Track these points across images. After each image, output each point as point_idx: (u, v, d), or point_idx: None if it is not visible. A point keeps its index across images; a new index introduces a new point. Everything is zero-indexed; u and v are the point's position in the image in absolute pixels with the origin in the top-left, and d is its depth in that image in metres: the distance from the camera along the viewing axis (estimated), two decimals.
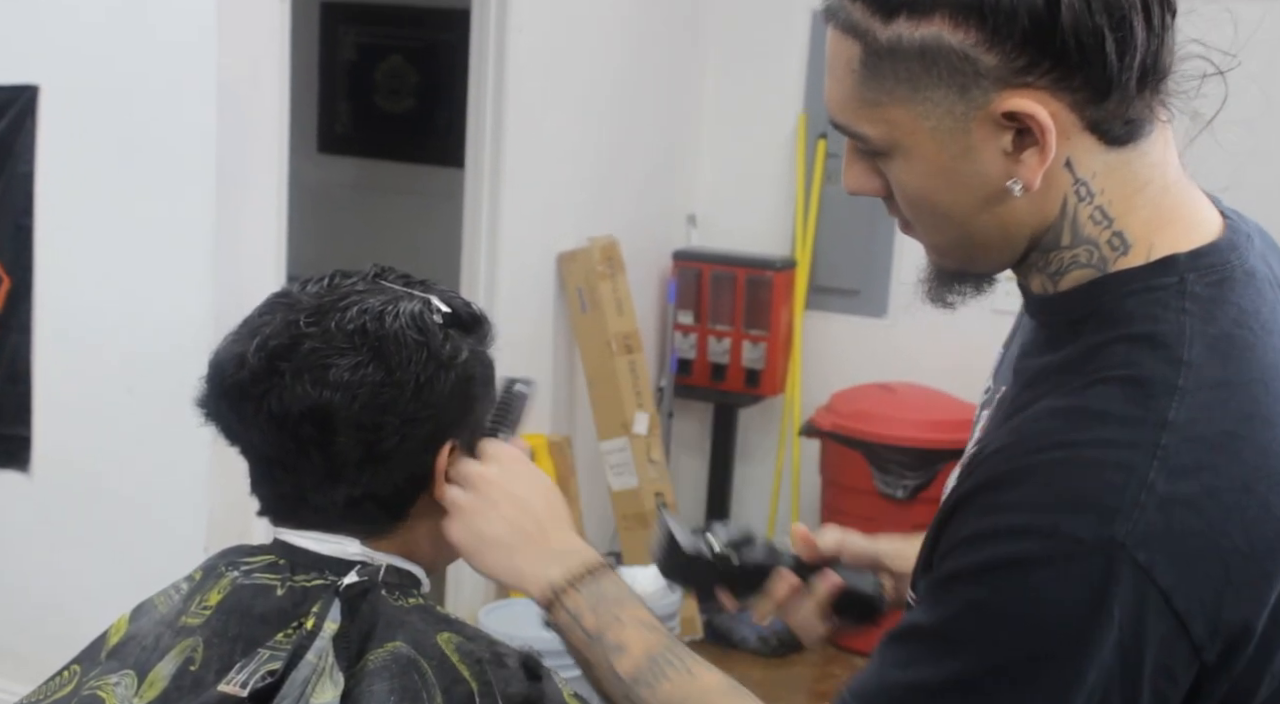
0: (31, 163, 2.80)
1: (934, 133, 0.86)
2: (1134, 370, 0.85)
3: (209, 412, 1.02)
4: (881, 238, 4.07)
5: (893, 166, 0.90)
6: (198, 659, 0.98)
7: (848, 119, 0.90)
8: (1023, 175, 0.86)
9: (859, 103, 0.88)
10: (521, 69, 3.39)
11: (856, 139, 0.90)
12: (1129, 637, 0.81)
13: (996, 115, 0.85)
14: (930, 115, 0.86)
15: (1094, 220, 0.89)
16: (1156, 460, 0.81)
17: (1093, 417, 0.84)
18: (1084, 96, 0.85)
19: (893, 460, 3.67)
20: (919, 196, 0.90)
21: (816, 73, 4.10)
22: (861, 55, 0.87)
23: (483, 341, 1.06)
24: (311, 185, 4.42)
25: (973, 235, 0.91)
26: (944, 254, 0.95)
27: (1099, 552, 0.80)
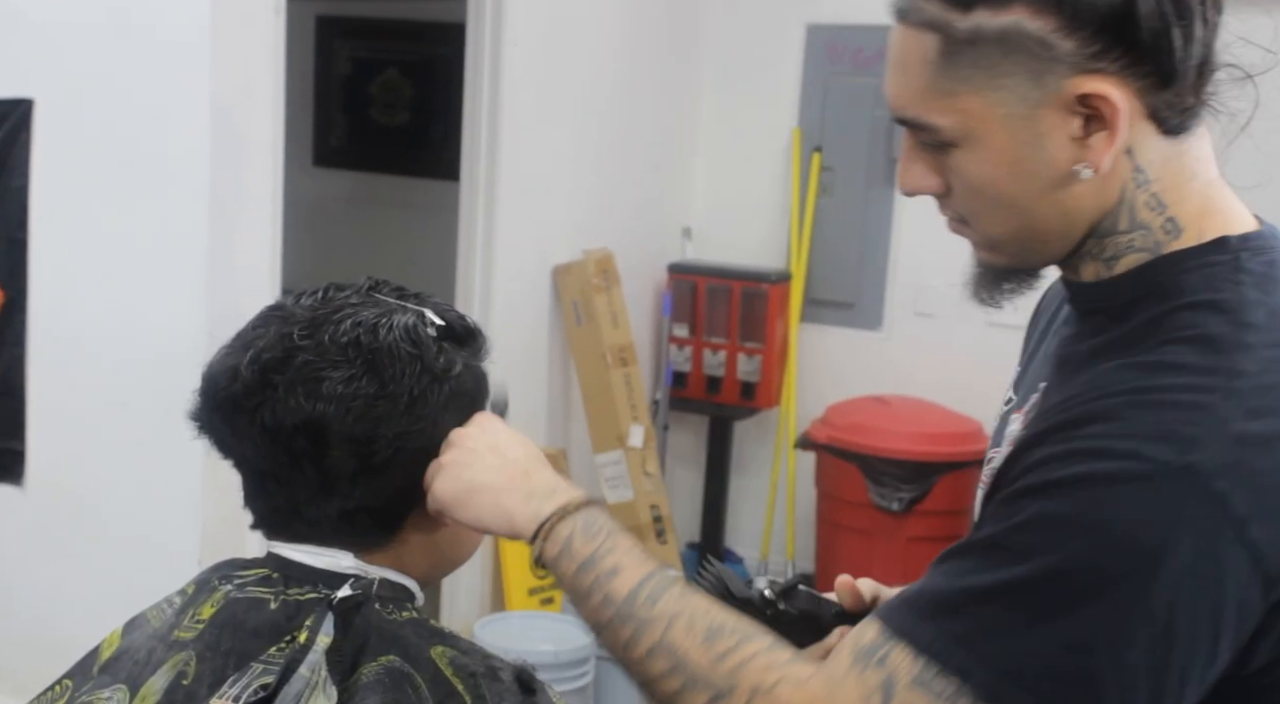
0: (26, 176, 2.80)
1: (1006, 120, 0.90)
2: (1202, 330, 0.88)
3: (202, 425, 1.02)
4: (876, 251, 4.08)
5: (959, 158, 0.93)
6: (190, 673, 0.98)
7: (919, 112, 0.92)
8: (1091, 159, 0.90)
9: (933, 94, 0.91)
10: (516, 83, 3.40)
11: (925, 131, 0.93)
12: (1201, 564, 0.81)
13: (1070, 99, 0.89)
14: (1004, 102, 0.90)
15: (1149, 206, 0.93)
16: (1231, 402, 0.84)
17: (1166, 367, 0.87)
18: (1149, 84, 0.89)
19: (888, 473, 3.66)
20: (985, 186, 0.93)
21: (811, 87, 4.11)
22: (940, 46, 0.90)
23: (476, 355, 1.06)
24: (307, 199, 4.43)
25: (1035, 224, 0.94)
26: (999, 248, 0.97)
27: (1176, 476, 0.82)
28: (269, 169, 2.75)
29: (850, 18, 3.99)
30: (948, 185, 0.95)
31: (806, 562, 4.07)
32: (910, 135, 0.95)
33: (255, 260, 2.75)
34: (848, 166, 4.07)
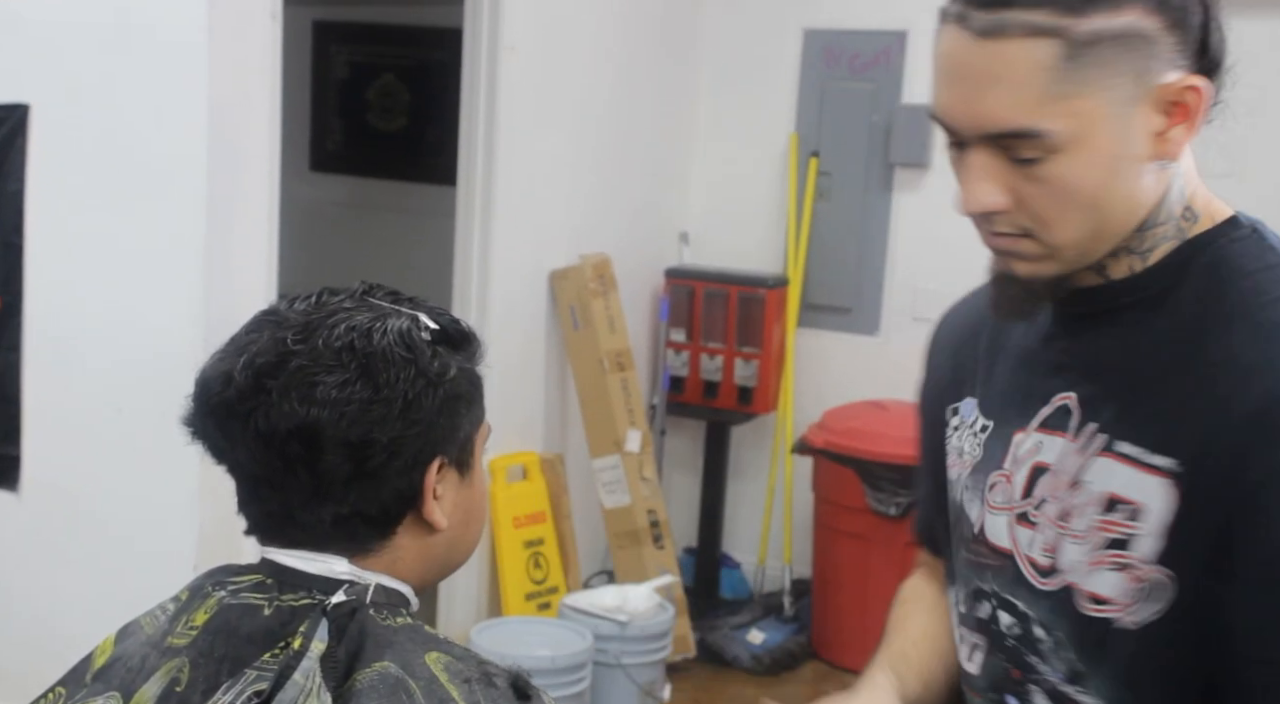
0: (22, 181, 2.79)
1: (1108, 120, 0.95)
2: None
3: (196, 430, 1.02)
4: (873, 256, 4.08)
5: (1058, 164, 0.96)
6: (184, 680, 0.97)
7: (1030, 120, 0.95)
8: (1170, 153, 0.98)
9: (1048, 99, 0.94)
10: (513, 88, 3.40)
11: (1029, 141, 0.95)
12: None
13: (1167, 94, 0.95)
14: (1113, 102, 0.95)
15: (1177, 198, 1.02)
16: None
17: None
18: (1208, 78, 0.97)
19: (885, 478, 3.66)
20: (1080, 189, 0.97)
21: (808, 92, 4.11)
22: (1060, 51, 0.93)
23: (471, 359, 1.06)
24: (303, 203, 4.43)
25: (1107, 223, 0.99)
26: (1058, 255, 1.00)
27: None
28: (265, 174, 2.75)
29: (847, 23, 3.99)
30: (1018, 199, 0.98)
31: (804, 567, 4.07)
32: (989, 152, 0.97)
33: (251, 265, 2.74)
34: (845, 171, 4.07)
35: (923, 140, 3.89)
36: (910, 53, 3.88)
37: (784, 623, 3.94)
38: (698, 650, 3.73)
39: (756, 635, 3.81)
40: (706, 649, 3.75)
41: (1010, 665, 1.10)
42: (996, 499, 1.07)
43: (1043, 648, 1.06)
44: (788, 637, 3.85)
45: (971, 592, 1.14)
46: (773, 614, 3.99)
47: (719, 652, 3.74)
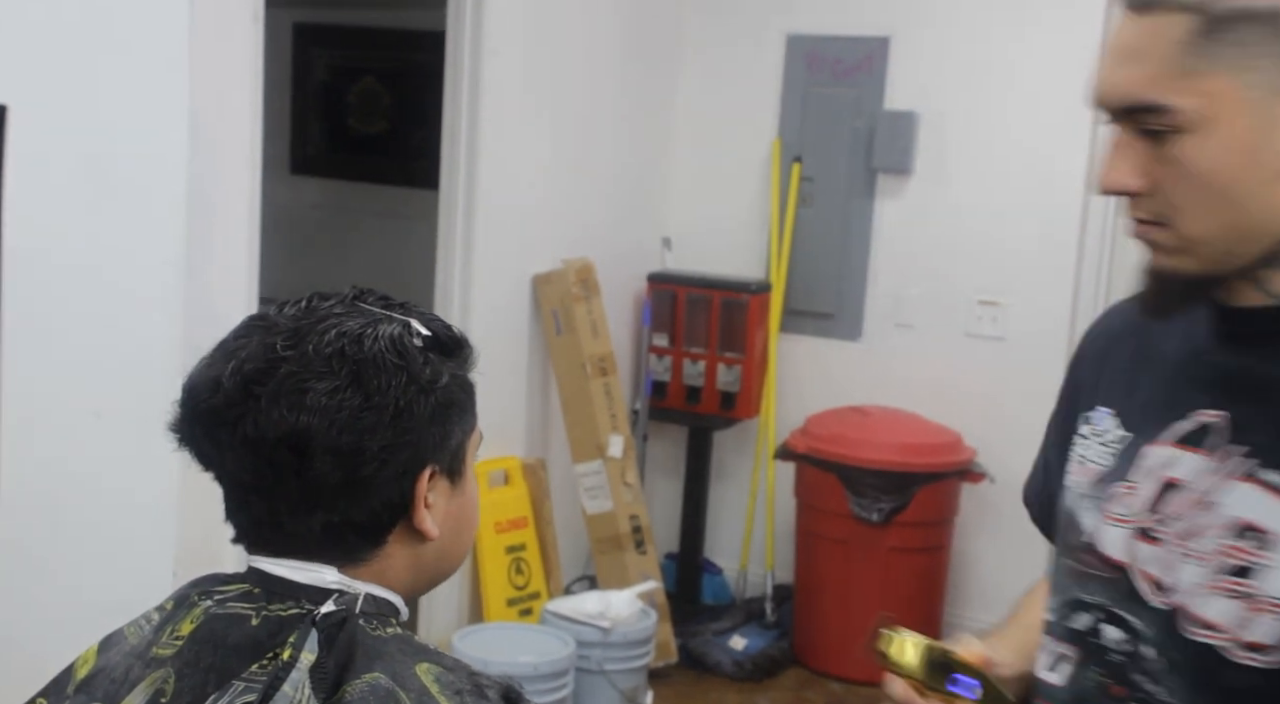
0: None
1: (1248, 103, 0.92)
2: None
3: (183, 437, 1.00)
4: (856, 261, 4.09)
5: (1187, 145, 0.93)
6: (169, 691, 0.96)
7: (1156, 94, 0.93)
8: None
9: (1177, 74, 0.92)
10: (496, 91, 3.39)
11: (1158, 116, 0.93)
12: None
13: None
14: (1253, 85, 0.91)
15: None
16: None
17: None
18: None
19: (867, 483, 3.66)
20: (1210, 175, 0.93)
21: (791, 97, 4.12)
22: (1196, 25, 0.92)
23: (463, 365, 1.04)
24: (283, 207, 4.40)
25: (1245, 220, 0.95)
26: (1194, 250, 0.97)
27: None
28: (246, 176, 2.73)
29: (830, 29, 4.00)
30: (1153, 183, 0.95)
31: (786, 573, 4.06)
32: (1128, 128, 0.95)
33: (233, 268, 2.72)
34: (827, 177, 4.08)
35: (905, 146, 3.90)
36: (893, 58, 3.89)
37: (766, 629, 3.93)
38: (680, 656, 3.72)
39: (739, 641, 3.80)
40: (689, 655, 3.74)
41: (1110, 681, 1.07)
42: (1116, 510, 1.04)
43: (1153, 668, 1.04)
44: (770, 643, 3.84)
45: (1069, 601, 1.12)
46: (755, 620, 3.98)
47: (701, 658, 3.73)
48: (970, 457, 3.72)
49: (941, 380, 3.91)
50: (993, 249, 3.76)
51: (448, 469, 1.03)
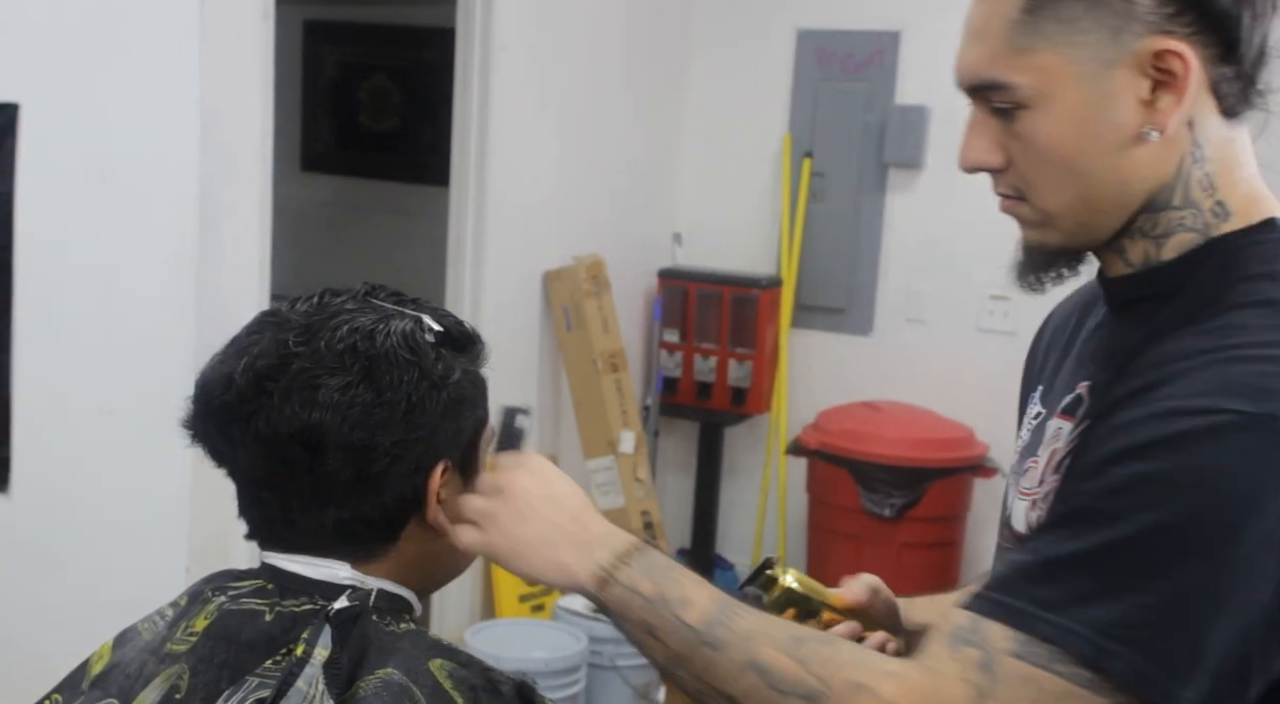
0: (11, 182, 2.77)
1: (1079, 78, 0.93)
2: (1264, 297, 0.91)
3: (196, 433, 1.00)
4: (866, 256, 4.08)
5: (1029, 120, 0.95)
6: (183, 687, 0.96)
7: (995, 71, 0.95)
8: (1157, 122, 0.93)
9: (1011, 51, 0.94)
10: (506, 88, 3.39)
11: (999, 92, 0.95)
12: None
13: (1144, 58, 0.92)
14: (1080, 59, 0.93)
15: (1201, 186, 0.96)
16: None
17: (1231, 329, 0.90)
18: (1214, 55, 0.93)
19: (879, 479, 3.66)
20: (1051, 149, 0.95)
21: (801, 91, 4.10)
22: (1024, 3, 0.94)
23: (475, 361, 1.04)
24: (294, 204, 4.40)
25: (1093, 192, 0.96)
26: (1053, 223, 0.99)
27: (1259, 425, 0.84)
28: (257, 174, 2.73)
29: (840, 23, 3.98)
30: (1008, 159, 0.97)
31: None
32: (979, 105, 0.98)
33: (243, 265, 2.72)
34: (838, 172, 4.07)
35: (917, 141, 3.88)
36: (904, 53, 3.87)
37: None
38: None
39: None
40: None
41: None
42: (1024, 484, 1.06)
43: None
44: None
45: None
46: None
47: None
48: (982, 451, 3.71)
49: (953, 375, 3.89)
50: (1004, 244, 3.69)
51: (460, 464, 1.03)
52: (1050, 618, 0.84)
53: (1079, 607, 0.84)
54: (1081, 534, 0.86)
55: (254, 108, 2.69)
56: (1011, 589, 0.87)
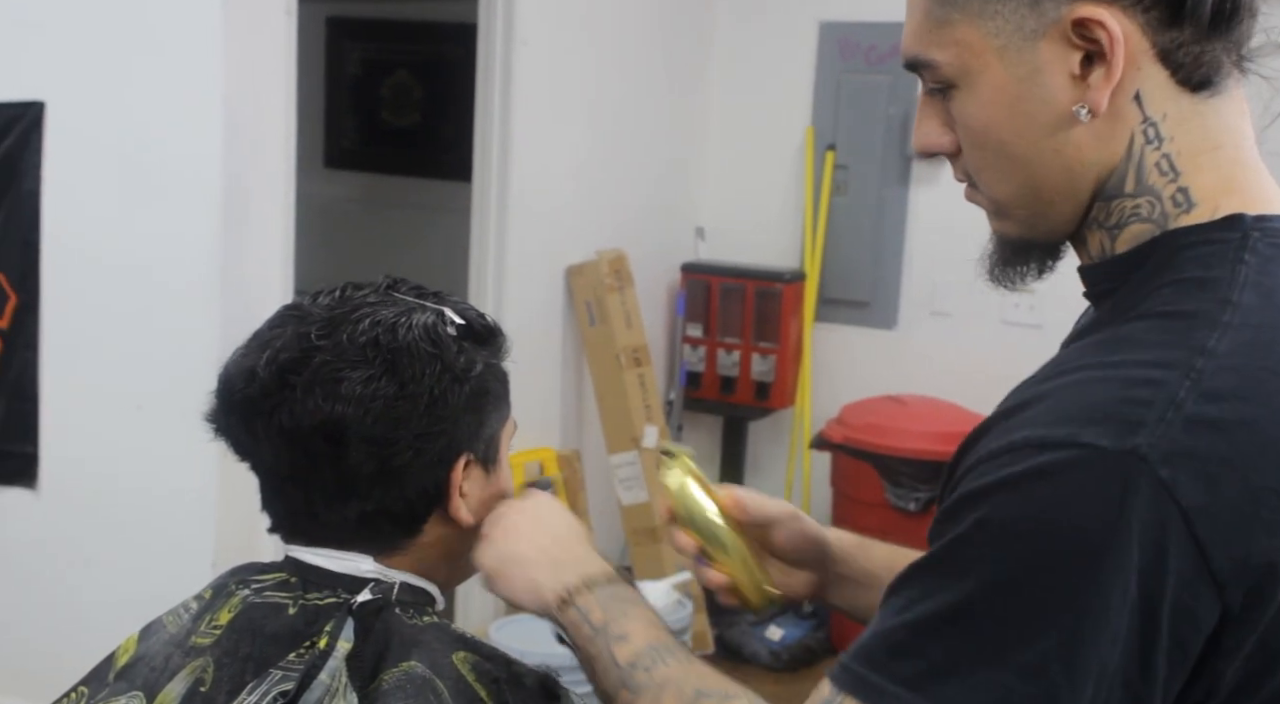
0: (38, 179, 2.79)
1: (1002, 53, 0.84)
2: (1177, 306, 0.81)
3: (219, 426, 1.01)
4: (890, 249, 4.06)
5: (960, 101, 0.87)
6: (208, 680, 0.96)
7: (920, 47, 0.88)
8: (1089, 99, 0.83)
9: (931, 24, 0.87)
10: (528, 82, 3.39)
11: (927, 71, 0.88)
12: (1148, 561, 0.73)
13: (1066, 29, 0.82)
14: (1000, 32, 0.84)
15: (1159, 170, 0.85)
16: (1189, 381, 0.76)
17: (1124, 342, 0.80)
18: (1156, 18, 0.82)
19: (904, 473, 3.64)
20: (983, 130, 0.87)
21: (824, 85, 4.09)
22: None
23: (497, 354, 1.04)
24: (318, 201, 4.42)
25: (1037, 179, 0.87)
26: (1008, 213, 0.90)
27: (1118, 461, 0.74)
28: (281, 170, 2.74)
29: (863, 15, 3.96)
30: (956, 142, 0.89)
31: None
32: (922, 85, 0.90)
33: (267, 262, 2.74)
34: (862, 165, 4.05)
35: None
36: None
37: (803, 619, 3.92)
38: (716, 647, 3.71)
39: (775, 632, 3.79)
40: (725, 646, 3.73)
41: None
42: None
43: None
44: (807, 633, 3.83)
45: None
46: (791, 610, 3.97)
47: (738, 648, 3.73)
48: None
49: (978, 368, 3.87)
50: None
51: (482, 458, 1.03)
52: (905, 697, 0.77)
53: (934, 682, 0.76)
54: (935, 591, 0.77)
55: (277, 104, 2.70)
56: (871, 661, 0.79)
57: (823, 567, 1.14)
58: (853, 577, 1.13)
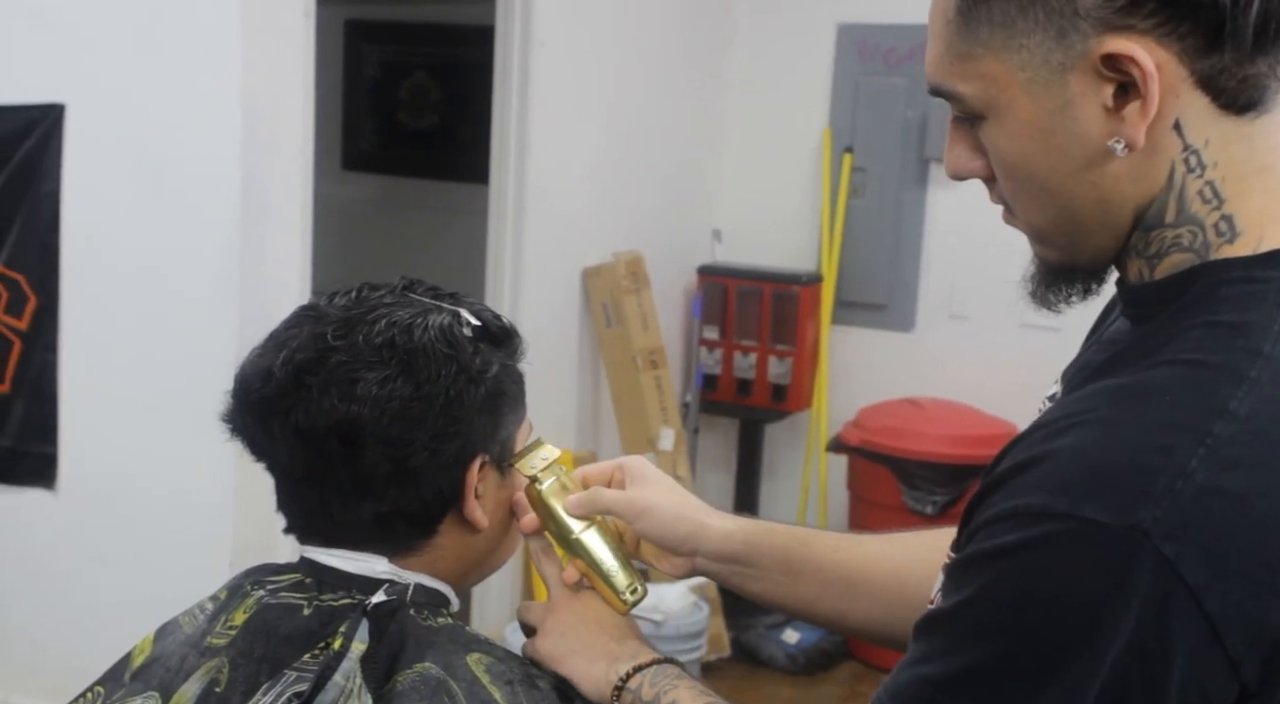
0: (58, 181, 2.80)
1: (1030, 86, 0.80)
2: (1205, 355, 0.77)
3: (235, 427, 1.01)
4: (908, 252, 4.05)
5: (989, 132, 0.84)
6: (223, 681, 0.96)
7: (943, 78, 0.85)
8: (1125, 133, 0.79)
9: (953, 58, 0.83)
10: (545, 84, 3.39)
11: (953, 101, 0.85)
12: (1151, 637, 0.72)
13: (1096, 62, 0.78)
14: (1026, 66, 0.80)
15: (1203, 198, 0.81)
16: (1203, 448, 0.73)
17: (1141, 394, 0.77)
18: (1193, 45, 0.78)
19: (921, 476, 3.63)
20: (1015, 164, 0.83)
21: (841, 87, 4.08)
22: (956, 4, 0.82)
23: (513, 356, 1.04)
24: (336, 202, 4.44)
25: (1073, 211, 0.83)
26: (1046, 239, 0.88)
27: (1117, 538, 0.72)
28: (299, 173, 2.75)
29: (881, 17, 3.96)
30: (988, 168, 0.86)
31: None
32: (951, 111, 0.87)
33: (286, 264, 2.74)
34: (879, 167, 4.04)
35: None
36: None
37: None
38: (732, 650, 3.70)
39: (791, 635, 3.78)
40: (741, 649, 3.72)
41: None
42: None
43: None
44: (823, 636, 3.82)
45: None
46: None
47: (754, 651, 3.72)
48: None
49: (996, 371, 3.86)
50: None
51: (498, 460, 1.03)
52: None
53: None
54: (950, 650, 0.78)
55: (296, 106, 2.71)
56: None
57: (695, 554, 1.12)
58: (780, 570, 1.12)
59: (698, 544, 1.11)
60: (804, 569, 1.12)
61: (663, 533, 1.10)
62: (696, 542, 1.11)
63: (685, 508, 1.12)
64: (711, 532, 1.11)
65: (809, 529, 1.19)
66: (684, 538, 1.11)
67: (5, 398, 2.92)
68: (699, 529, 1.11)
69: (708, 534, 1.11)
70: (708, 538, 1.11)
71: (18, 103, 2.80)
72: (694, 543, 1.11)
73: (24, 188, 2.83)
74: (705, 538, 1.11)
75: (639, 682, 1.00)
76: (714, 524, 1.12)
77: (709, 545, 1.11)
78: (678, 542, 1.11)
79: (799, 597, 1.13)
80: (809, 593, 1.13)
